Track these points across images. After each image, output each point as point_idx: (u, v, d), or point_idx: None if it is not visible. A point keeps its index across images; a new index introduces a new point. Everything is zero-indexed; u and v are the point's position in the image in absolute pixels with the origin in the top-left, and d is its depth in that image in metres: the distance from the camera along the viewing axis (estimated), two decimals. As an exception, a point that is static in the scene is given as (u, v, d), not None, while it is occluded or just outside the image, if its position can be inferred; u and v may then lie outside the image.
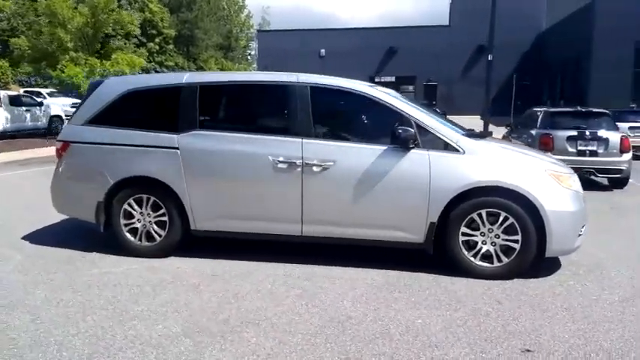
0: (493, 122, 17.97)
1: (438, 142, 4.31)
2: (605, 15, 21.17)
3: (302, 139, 4.44)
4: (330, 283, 4.16)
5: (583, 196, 4.48)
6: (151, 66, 26.22)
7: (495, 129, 16.00)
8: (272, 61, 32.96)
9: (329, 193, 4.41)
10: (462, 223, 4.24)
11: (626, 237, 5.71)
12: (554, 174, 4.29)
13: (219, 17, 57.38)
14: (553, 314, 3.59)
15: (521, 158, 4.45)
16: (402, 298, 3.86)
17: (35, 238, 5.46)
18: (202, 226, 4.69)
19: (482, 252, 4.27)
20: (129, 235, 4.82)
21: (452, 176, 4.22)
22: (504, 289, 4.06)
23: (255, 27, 64.93)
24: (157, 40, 43.73)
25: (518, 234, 4.18)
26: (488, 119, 16.74)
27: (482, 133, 5.12)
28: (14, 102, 16.95)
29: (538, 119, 9.90)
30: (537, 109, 11.20)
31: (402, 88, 31.51)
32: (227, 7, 60.30)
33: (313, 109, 4.50)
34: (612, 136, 8.84)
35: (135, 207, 4.77)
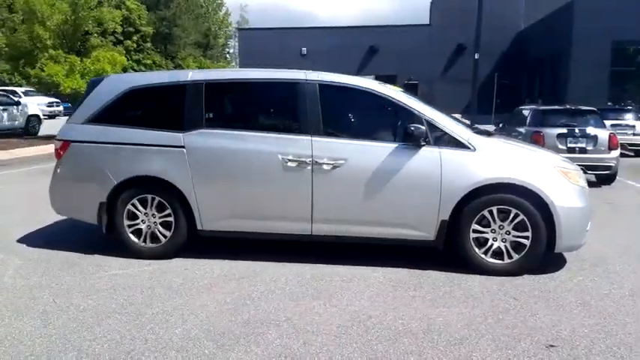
0: (475, 121, 18.18)
1: (448, 140, 4.32)
2: (584, 15, 21.59)
3: (311, 137, 4.40)
4: (343, 282, 4.13)
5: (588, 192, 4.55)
6: (128, 64, 25.73)
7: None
8: (253, 60, 32.74)
9: (340, 192, 4.38)
10: (474, 220, 4.26)
11: (623, 231, 5.82)
12: (563, 170, 4.34)
13: (198, 15, 56.78)
14: (569, 309, 3.63)
15: (531, 155, 4.49)
16: (419, 296, 3.86)
17: (31, 241, 5.30)
18: (209, 226, 4.61)
19: (492, 249, 4.30)
20: (133, 236, 4.71)
21: (463, 173, 4.23)
22: (517, 285, 4.09)
23: (233, 25, 64.49)
24: (134, 37, 43.04)
25: (528, 230, 4.21)
26: (474, 117, 16.91)
27: (487, 131, 5.14)
28: (-10, 101, 16.49)
29: (527, 117, 10.03)
30: (524, 108, 11.37)
31: (384, 86, 31.53)
32: (205, 4, 59.71)
33: (322, 106, 4.46)
34: (601, 134, 9.01)
35: (139, 207, 4.67)
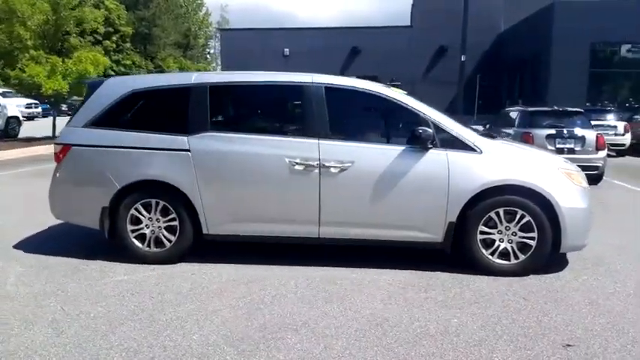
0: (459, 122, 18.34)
1: (455, 142, 4.36)
2: (563, 16, 21.99)
3: (318, 140, 4.40)
4: (353, 285, 4.14)
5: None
6: (108, 65, 25.29)
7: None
8: (235, 60, 32.60)
9: (347, 194, 4.38)
10: (481, 222, 4.31)
11: (616, 231, 5.93)
12: (567, 172, 4.42)
13: (177, 15, 56.29)
14: (579, 309, 3.70)
15: (536, 157, 4.56)
16: (430, 298, 3.89)
17: (29, 246, 5.18)
18: (215, 230, 4.57)
19: (499, 250, 4.35)
20: (136, 241, 4.64)
21: (470, 176, 4.28)
22: (524, 285, 4.15)
23: (213, 25, 64.05)
24: (113, 38, 42.41)
25: (534, 231, 4.28)
26: (461, 119, 17.05)
27: (490, 134, 5.21)
28: (-31, 103, 16.06)
29: (515, 118, 10.18)
30: (511, 109, 11.55)
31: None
32: (185, 4, 59.24)
33: (329, 109, 4.46)
34: (588, 134, 9.21)
35: (143, 212, 4.60)
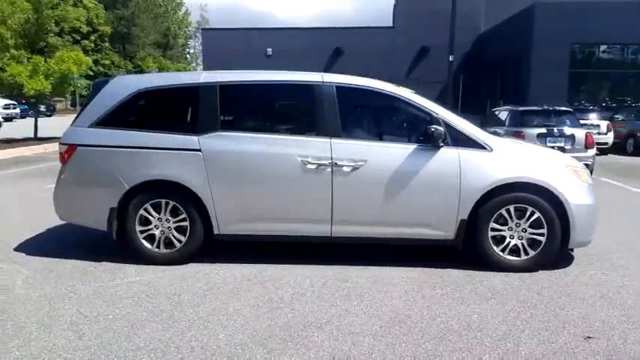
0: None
1: (466, 140, 4.41)
2: (544, 18, 22.42)
3: (330, 139, 4.41)
4: (368, 283, 4.16)
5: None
6: (90, 64, 24.87)
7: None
8: (217, 60, 32.40)
9: (360, 193, 4.40)
10: (492, 219, 4.37)
11: (613, 227, 6.07)
12: (574, 169, 4.51)
13: (156, 14, 55.72)
14: (592, 302, 3.78)
15: (545, 155, 4.64)
16: (447, 294, 3.93)
17: (30, 248, 5.08)
18: (226, 230, 4.54)
19: (510, 246, 4.42)
20: (145, 242, 4.58)
21: (482, 173, 4.33)
22: (536, 281, 4.22)
23: (193, 25, 63.52)
24: (92, 37, 41.71)
25: (544, 227, 4.36)
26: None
27: (496, 131, 5.28)
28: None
29: (506, 118, 10.35)
30: (499, 109, 11.75)
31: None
32: (164, 4, 58.63)
33: (340, 108, 4.48)
34: (578, 133, 9.42)
35: (152, 212, 4.55)
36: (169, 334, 3.23)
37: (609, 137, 14.62)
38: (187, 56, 65.51)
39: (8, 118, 25.95)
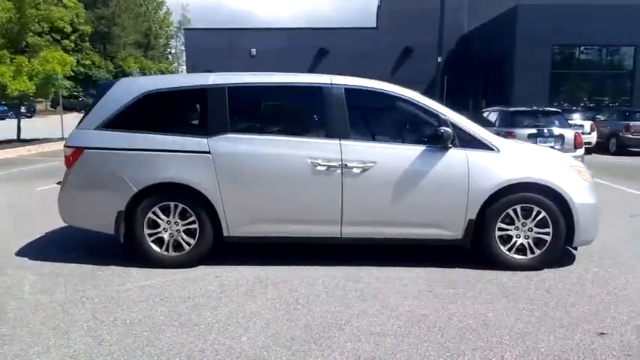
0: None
1: (474, 142, 4.48)
2: (526, 19, 22.79)
3: (340, 141, 4.44)
4: (380, 283, 4.20)
5: (594, 188, 4.87)
6: (74, 64, 24.43)
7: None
8: (200, 60, 32.22)
9: (370, 194, 4.44)
10: (499, 219, 4.45)
11: (609, 225, 6.19)
12: (577, 169, 4.62)
13: (137, 14, 55.09)
14: (600, 299, 3.88)
15: (549, 155, 4.74)
16: (459, 293, 3.99)
17: (32, 253, 5.00)
18: (236, 232, 4.54)
19: (516, 245, 4.51)
20: (154, 245, 4.56)
21: (490, 174, 4.41)
22: (543, 279, 4.31)
23: (174, 24, 62.96)
24: (72, 37, 41.02)
25: (549, 227, 4.45)
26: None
27: (499, 133, 5.37)
28: None
29: (496, 119, 10.51)
30: (487, 110, 11.93)
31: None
32: (145, 3, 57.97)
33: (349, 110, 4.51)
34: (567, 133, 9.62)
35: (161, 215, 4.52)
36: (190, 337, 3.23)
37: (593, 137, 14.94)
38: (169, 56, 64.95)
39: (-13, 120, 25.41)
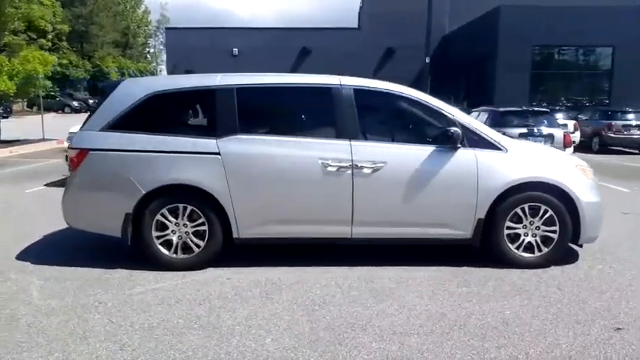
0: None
1: (482, 142, 4.54)
2: (508, 20, 23.13)
3: (350, 142, 4.45)
4: (393, 283, 4.21)
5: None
6: (56, 63, 23.90)
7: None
8: (181, 59, 31.98)
9: (380, 194, 4.45)
10: (507, 218, 4.51)
11: (605, 222, 6.33)
12: (582, 168, 4.71)
13: (115, 12, 54.22)
14: (611, 295, 3.97)
15: (556, 155, 4.83)
16: (473, 292, 4.03)
17: (32, 257, 4.87)
18: (246, 233, 4.51)
19: (524, 244, 4.57)
20: (162, 248, 4.50)
21: (498, 174, 4.47)
22: (552, 276, 4.38)
23: (153, 23, 62.21)
24: (49, 36, 40.14)
25: (556, 225, 4.53)
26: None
27: (503, 132, 5.44)
28: None
29: (486, 118, 10.64)
30: (477, 110, 12.06)
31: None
32: (123, 2, 57.12)
33: (359, 111, 4.52)
34: (557, 132, 9.81)
35: (169, 217, 4.46)
36: (214, 340, 3.19)
37: (576, 136, 15.22)
38: (147, 56, 64.15)
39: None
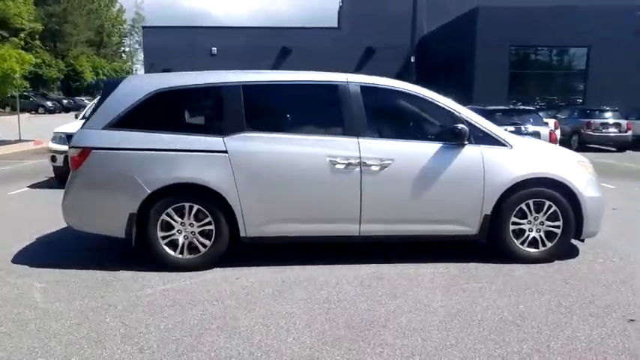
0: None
1: (488, 138, 4.58)
2: (486, 21, 23.47)
3: (358, 139, 4.44)
4: (404, 280, 4.22)
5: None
6: (33, 62, 23.23)
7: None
8: (159, 59, 31.55)
9: (388, 191, 4.46)
10: (512, 213, 4.56)
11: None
12: (583, 164, 4.80)
13: (89, 11, 53.18)
14: (617, 288, 4.05)
15: (559, 151, 4.90)
16: (484, 287, 4.06)
17: (30, 260, 4.71)
18: (253, 232, 4.46)
19: (529, 239, 4.63)
20: (167, 248, 4.41)
21: (504, 170, 4.52)
22: (558, 270, 4.45)
23: (128, 22, 61.24)
24: (21, 34, 39.04)
25: (559, 220, 4.60)
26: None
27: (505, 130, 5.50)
28: None
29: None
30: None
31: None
32: (97, 0, 56.03)
33: (366, 108, 4.52)
34: (543, 130, 10.00)
35: (175, 217, 4.38)
36: (234, 341, 3.14)
37: (557, 134, 15.53)
38: (122, 55, 63.10)
39: None
